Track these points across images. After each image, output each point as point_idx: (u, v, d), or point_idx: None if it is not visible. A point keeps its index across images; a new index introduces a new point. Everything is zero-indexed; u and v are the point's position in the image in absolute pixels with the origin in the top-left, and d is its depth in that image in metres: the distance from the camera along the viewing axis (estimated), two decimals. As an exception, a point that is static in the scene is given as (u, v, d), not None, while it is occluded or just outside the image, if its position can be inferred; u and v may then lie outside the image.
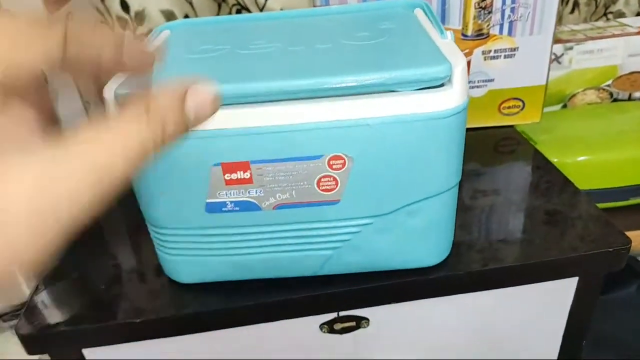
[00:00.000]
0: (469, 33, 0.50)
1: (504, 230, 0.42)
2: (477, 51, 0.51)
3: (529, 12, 0.48)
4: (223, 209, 0.33)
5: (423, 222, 0.35)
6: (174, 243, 0.35)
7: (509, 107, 0.55)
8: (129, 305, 0.37)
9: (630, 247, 0.40)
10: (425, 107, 0.31)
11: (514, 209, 0.45)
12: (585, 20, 0.72)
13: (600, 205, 0.61)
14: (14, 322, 0.48)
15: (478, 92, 0.54)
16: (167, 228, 0.34)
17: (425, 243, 0.37)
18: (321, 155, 0.31)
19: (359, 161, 0.32)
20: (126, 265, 0.42)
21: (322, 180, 0.32)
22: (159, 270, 0.39)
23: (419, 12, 0.41)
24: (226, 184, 0.32)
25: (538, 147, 0.58)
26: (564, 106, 0.66)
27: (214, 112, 0.20)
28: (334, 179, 0.32)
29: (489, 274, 0.38)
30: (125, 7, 0.69)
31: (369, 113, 0.30)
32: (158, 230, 0.35)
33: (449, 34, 0.35)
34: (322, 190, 0.33)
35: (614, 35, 0.60)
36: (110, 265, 0.42)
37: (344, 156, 0.31)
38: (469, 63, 0.52)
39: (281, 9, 0.68)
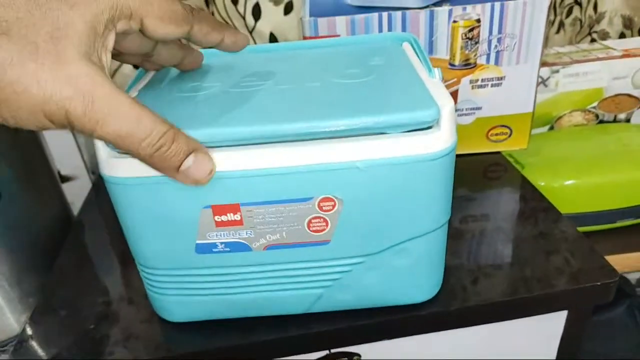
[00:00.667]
0: (457, 63, 0.51)
1: (492, 262, 0.43)
2: (465, 80, 0.52)
3: (515, 43, 0.50)
4: (213, 249, 0.33)
5: (413, 260, 0.36)
6: (164, 283, 0.35)
7: (496, 134, 0.56)
8: (119, 345, 0.37)
9: (617, 280, 0.41)
10: (413, 149, 0.31)
11: (502, 239, 0.46)
12: (570, 40, 0.74)
13: (589, 229, 0.62)
14: (2, 357, 0.47)
15: (466, 120, 0.55)
16: (156, 269, 0.35)
17: (416, 280, 0.38)
18: (311, 197, 0.32)
19: (349, 203, 0.32)
20: (116, 303, 0.42)
21: (312, 221, 0.33)
22: (148, 308, 0.39)
23: (406, 47, 0.42)
24: (216, 226, 0.32)
25: (525, 170, 0.59)
26: (551, 128, 0.67)
27: (203, 183, 0.29)
28: (324, 220, 0.33)
29: (479, 311, 0.39)
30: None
31: (358, 156, 0.31)
32: (148, 270, 0.35)
33: (436, 71, 0.36)
34: (313, 231, 0.33)
35: (598, 59, 0.61)
36: (99, 302, 0.42)
37: (333, 198, 0.32)
38: (457, 92, 0.53)
39: (270, 32, 0.69)
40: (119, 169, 0.30)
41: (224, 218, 0.32)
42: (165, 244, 0.33)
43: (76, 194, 0.63)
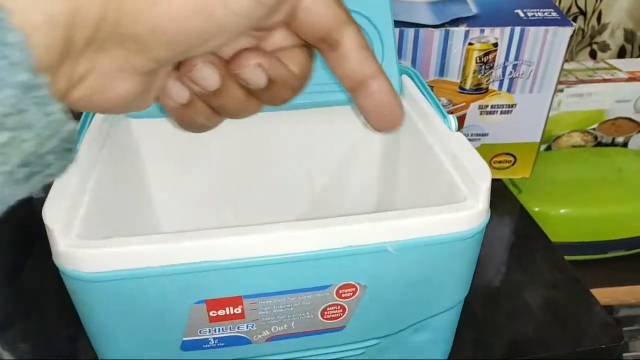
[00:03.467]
0: (468, 87, 0.48)
1: (492, 316, 0.42)
2: (474, 105, 0.49)
3: (531, 71, 0.47)
4: (204, 345, 0.28)
5: (430, 335, 0.34)
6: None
7: (499, 162, 0.54)
8: None
9: (623, 344, 0.40)
10: (449, 227, 0.28)
11: (502, 288, 0.44)
12: (570, 51, 0.73)
13: (580, 258, 0.63)
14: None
15: (470, 147, 0.52)
16: (130, 369, 0.29)
17: (430, 354, 0.35)
18: (329, 285, 0.28)
19: (372, 288, 0.28)
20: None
21: (328, 309, 0.29)
22: None
23: (406, 80, 0.38)
24: (210, 321, 0.27)
25: (522, 195, 0.58)
26: (548, 147, 0.66)
27: None
28: (342, 307, 0.29)
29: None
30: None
31: (388, 237, 0.27)
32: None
33: (452, 119, 0.32)
34: (326, 319, 0.29)
35: (604, 80, 0.60)
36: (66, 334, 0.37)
37: (355, 284, 0.28)
38: (464, 117, 0.50)
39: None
40: (87, 262, 0.24)
41: (220, 312, 0.27)
42: (142, 345, 0.28)
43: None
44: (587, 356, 0.39)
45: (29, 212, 0.52)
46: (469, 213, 0.28)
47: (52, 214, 0.24)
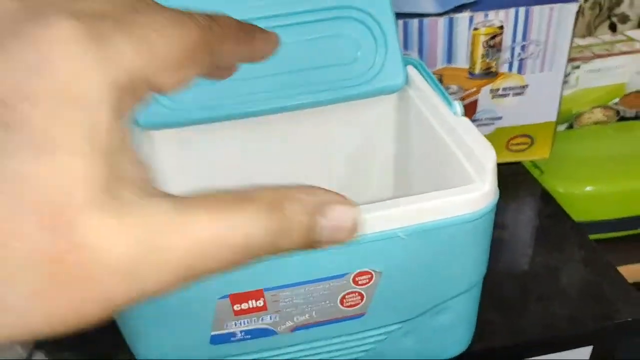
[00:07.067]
0: (477, 72, 0.48)
1: (515, 297, 0.42)
2: (485, 89, 0.50)
3: (540, 50, 0.47)
4: (232, 339, 0.30)
5: (451, 317, 0.35)
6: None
7: (517, 144, 0.54)
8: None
9: None
10: (458, 209, 0.29)
11: (530, 270, 0.45)
12: (588, 25, 0.72)
13: (607, 235, 0.62)
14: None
15: (485, 130, 0.53)
16: (163, 363, 0.32)
17: (452, 335, 0.37)
18: (346, 273, 0.29)
19: (387, 273, 0.30)
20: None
21: (346, 297, 0.30)
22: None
23: (411, 70, 0.39)
24: (235, 315, 0.29)
25: (544, 176, 0.58)
26: (570, 126, 0.66)
27: (348, 240, 0.17)
28: (360, 294, 0.30)
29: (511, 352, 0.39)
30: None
31: (399, 223, 0.28)
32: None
33: (457, 105, 0.34)
34: (346, 306, 0.31)
35: (622, 53, 0.60)
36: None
37: (371, 271, 0.30)
38: (475, 102, 0.50)
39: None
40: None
41: (244, 306, 0.29)
42: (173, 339, 0.30)
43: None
44: (617, 330, 0.40)
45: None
46: (476, 195, 0.29)
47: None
